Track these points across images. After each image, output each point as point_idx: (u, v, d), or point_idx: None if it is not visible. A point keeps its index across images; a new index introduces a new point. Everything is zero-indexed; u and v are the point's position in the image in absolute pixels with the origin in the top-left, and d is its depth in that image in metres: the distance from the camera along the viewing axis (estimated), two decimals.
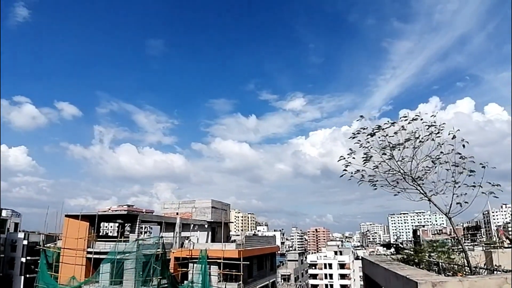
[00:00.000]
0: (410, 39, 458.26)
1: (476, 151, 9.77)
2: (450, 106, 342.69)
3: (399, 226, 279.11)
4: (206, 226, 37.94)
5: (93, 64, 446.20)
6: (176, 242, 32.76)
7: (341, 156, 10.76)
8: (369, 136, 10.60)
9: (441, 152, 9.89)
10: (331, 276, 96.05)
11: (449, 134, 9.77)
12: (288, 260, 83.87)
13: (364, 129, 10.68)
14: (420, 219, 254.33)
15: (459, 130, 9.64)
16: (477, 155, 9.63)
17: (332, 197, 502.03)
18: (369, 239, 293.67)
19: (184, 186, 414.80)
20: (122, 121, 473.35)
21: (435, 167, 9.98)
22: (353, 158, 10.72)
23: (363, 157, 10.67)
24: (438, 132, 9.88)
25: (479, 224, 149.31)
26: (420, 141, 10.10)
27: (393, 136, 10.45)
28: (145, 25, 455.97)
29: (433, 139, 9.95)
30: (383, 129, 10.53)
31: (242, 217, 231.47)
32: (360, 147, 10.74)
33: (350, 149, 10.89)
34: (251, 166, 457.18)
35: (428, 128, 10.04)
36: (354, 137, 10.82)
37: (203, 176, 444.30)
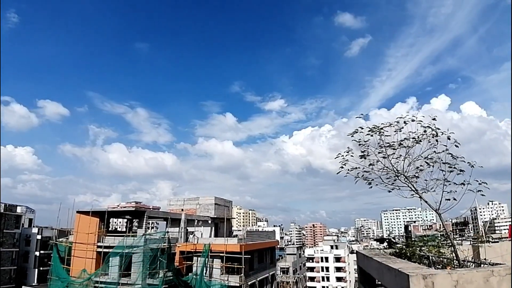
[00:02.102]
0: (406, 41, 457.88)
1: (456, 150, 9.73)
2: (425, 106, 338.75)
3: (391, 222, 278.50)
4: (209, 221, 37.93)
5: (85, 66, 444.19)
6: (181, 237, 32.79)
7: (339, 154, 10.73)
8: (366, 135, 10.56)
9: (434, 152, 9.87)
10: (327, 269, 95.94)
11: (443, 134, 9.76)
12: (287, 254, 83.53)
13: (361, 128, 10.65)
14: (412, 215, 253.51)
15: (453, 132, 9.64)
16: (457, 153, 9.66)
17: (323, 194, 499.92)
18: (364, 234, 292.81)
19: (178, 184, 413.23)
20: (112, 121, 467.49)
21: (428, 166, 9.96)
22: (352, 155, 10.68)
23: (360, 155, 10.65)
24: (436, 134, 9.85)
25: (467, 220, 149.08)
26: (415, 141, 10.05)
27: (389, 136, 10.43)
28: (132, 28, 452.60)
29: (429, 141, 9.92)
30: (380, 128, 10.50)
31: (244, 213, 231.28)
32: (359, 145, 10.71)
33: (348, 147, 10.86)
34: (238, 164, 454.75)
35: (424, 131, 9.98)
36: (352, 135, 10.78)
37: (195, 174, 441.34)
